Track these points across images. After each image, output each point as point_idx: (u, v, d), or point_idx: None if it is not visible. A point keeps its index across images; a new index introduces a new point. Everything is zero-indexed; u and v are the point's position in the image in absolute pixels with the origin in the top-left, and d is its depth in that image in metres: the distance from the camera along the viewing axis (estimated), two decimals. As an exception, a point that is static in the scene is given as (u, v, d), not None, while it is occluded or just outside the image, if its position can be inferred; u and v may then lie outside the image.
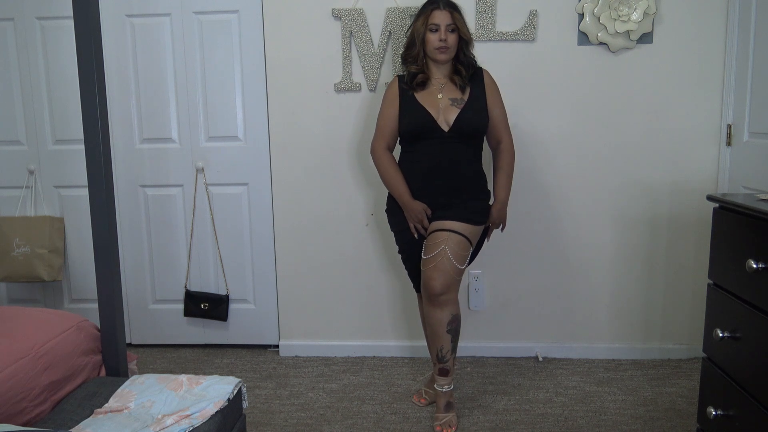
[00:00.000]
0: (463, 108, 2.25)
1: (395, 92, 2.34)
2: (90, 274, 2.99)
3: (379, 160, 2.35)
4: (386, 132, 2.34)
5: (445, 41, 2.22)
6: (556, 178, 2.83)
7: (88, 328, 1.89)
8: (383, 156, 2.34)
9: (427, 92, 2.29)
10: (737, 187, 2.61)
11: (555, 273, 2.90)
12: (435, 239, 2.23)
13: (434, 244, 2.22)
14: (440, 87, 2.29)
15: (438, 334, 2.26)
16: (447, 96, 2.27)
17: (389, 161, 2.34)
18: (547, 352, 2.95)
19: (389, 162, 2.34)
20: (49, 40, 2.98)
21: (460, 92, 2.28)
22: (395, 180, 2.30)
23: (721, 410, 1.69)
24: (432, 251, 2.22)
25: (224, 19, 2.89)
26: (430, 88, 2.30)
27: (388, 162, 2.34)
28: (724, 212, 1.72)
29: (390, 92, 2.36)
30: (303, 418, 2.41)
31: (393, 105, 2.33)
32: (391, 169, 2.32)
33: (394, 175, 2.31)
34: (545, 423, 2.34)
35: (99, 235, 1.86)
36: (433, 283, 2.20)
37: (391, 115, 2.33)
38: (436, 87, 2.29)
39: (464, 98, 2.27)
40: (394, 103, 2.32)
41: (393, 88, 2.36)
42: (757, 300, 1.54)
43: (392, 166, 2.33)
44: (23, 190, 3.10)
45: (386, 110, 2.35)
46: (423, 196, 2.28)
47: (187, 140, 2.99)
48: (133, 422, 1.53)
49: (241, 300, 3.09)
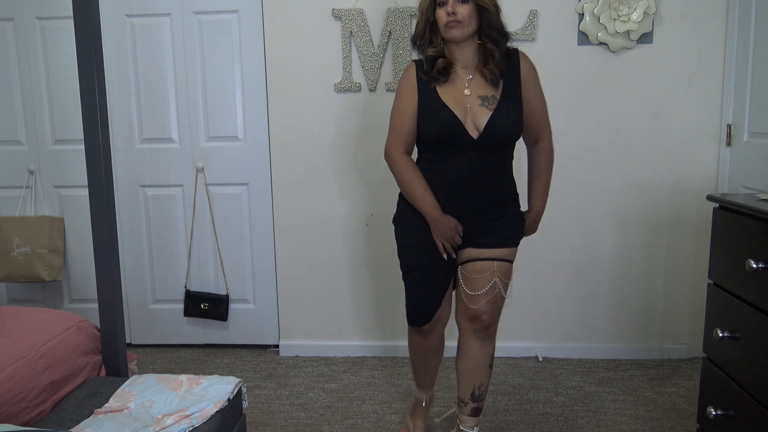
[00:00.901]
0: (496, 109, 1.83)
1: (412, 83, 1.88)
2: (90, 274, 2.99)
3: (398, 167, 1.92)
4: (403, 133, 1.90)
5: (455, 14, 1.78)
6: (556, 177, 2.80)
7: (88, 328, 1.89)
8: (402, 162, 1.91)
9: (451, 86, 1.85)
10: (737, 187, 2.61)
11: (555, 273, 2.90)
12: (482, 271, 1.91)
13: (483, 277, 1.91)
14: (467, 80, 1.86)
15: (480, 369, 1.99)
16: (476, 93, 1.85)
17: (412, 169, 1.90)
18: (547, 352, 2.95)
19: (412, 170, 1.90)
20: (49, 40, 2.98)
21: (492, 87, 1.85)
22: (421, 191, 1.88)
23: (721, 410, 1.69)
24: (484, 285, 1.91)
25: (224, 19, 2.89)
26: (454, 81, 1.86)
27: (411, 170, 1.90)
28: (724, 212, 1.72)
29: (406, 83, 1.90)
30: (303, 418, 2.41)
31: (410, 100, 1.88)
32: (416, 178, 1.89)
33: (419, 184, 1.88)
34: (545, 423, 2.34)
35: (99, 235, 1.86)
36: (486, 317, 1.94)
37: (408, 113, 1.88)
38: (461, 80, 1.86)
39: (496, 95, 1.85)
40: (411, 98, 1.88)
41: (409, 78, 1.89)
42: (757, 300, 1.54)
43: (416, 174, 1.90)
44: (23, 190, 3.10)
45: (402, 106, 1.89)
46: (449, 214, 1.89)
47: (187, 140, 2.99)
48: (133, 422, 1.53)
49: (241, 300, 3.09)
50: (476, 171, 1.86)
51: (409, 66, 1.92)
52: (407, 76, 1.90)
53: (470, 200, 1.89)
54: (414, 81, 1.88)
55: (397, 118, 1.91)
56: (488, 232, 1.92)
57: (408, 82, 1.89)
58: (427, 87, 1.86)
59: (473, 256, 1.93)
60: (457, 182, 1.87)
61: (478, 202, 1.89)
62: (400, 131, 1.90)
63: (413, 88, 1.88)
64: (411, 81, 1.89)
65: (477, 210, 1.90)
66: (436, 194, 1.88)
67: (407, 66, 1.98)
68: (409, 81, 1.89)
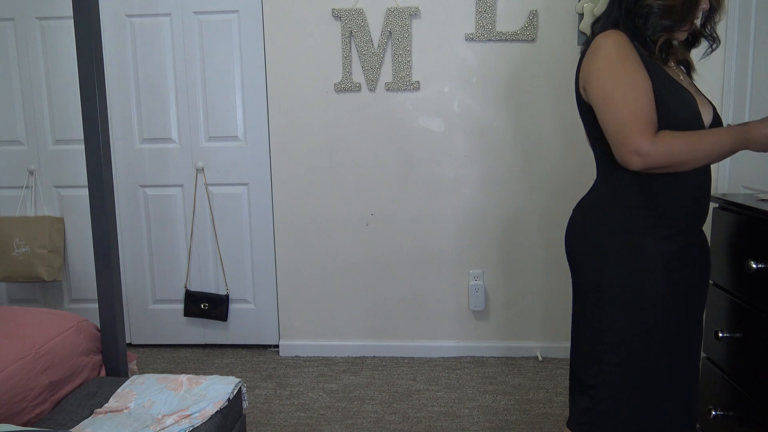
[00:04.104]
0: (707, 98, 1.48)
1: (635, 53, 1.35)
2: (90, 274, 2.99)
3: (664, 151, 1.28)
4: (644, 116, 1.29)
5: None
6: (556, 177, 2.83)
7: (88, 328, 1.89)
8: (662, 144, 1.28)
9: (669, 69, 1.43)
10: (737, 187, 2.61)
11: (555, 273, 2.90)
12: None
13: None
14: (672, 63, 1.47)
15: None
16: (686, 79, 1.48)
17: (674, 135, 1.29)
18: (547, 352, 2.95)
19: (676, 136, 1.29)
20: (49, 40, 2.98)
21: (686, 74, 1.52)
22: (707, 135, 1.31)
23: (721, 410, 1.69)
24: None
25: (224, 19, 2.89)
26: (669, 64, 1.45)
27: (676, 137, 1.29)
28: (724, 212, 1.72)
29: (627, 49, 1.34)
30: (303, 418, 2.41)
31: (643, 69, 1.34)
32: (690, 136, 1.30)
33: (698, 135, 1.30)
34: (545, 423, 2.34)
35: (99, 235, 1.86)
36: None
37: (648, 86, 1.32)
38: (673, 65, 1.47)
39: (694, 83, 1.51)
40: (642, 67, 1.34)
41: (627, 43, 1.35)
42: (757, 300, 1.54)
43: (682, 134, 1.30)
44: (23, 190, 3.10)
45: (638, 77, 1.32)
46: (689, 230, 1.41)
47: (187, 140, 3.00)
48: (133, 422, 1.53)
49: (241, 300, 3.09)
50: (710, 173, 1.43)
51: (616, 34, 1.38)
52: (623, 43, 1.37)
53: (705, 213, 1.44)
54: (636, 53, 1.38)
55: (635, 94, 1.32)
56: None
57: (630, 49, 1.37)
58: (649, 61, 1.39)
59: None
60: (701, 188, 1.41)
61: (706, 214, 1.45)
62: (640, 113, 1.30)
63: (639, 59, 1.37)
64: (633, 51, 1.37)
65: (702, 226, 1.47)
66: (675, 205, 1.39)
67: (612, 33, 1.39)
68: (630, 50, 1.37)
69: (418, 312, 2.97)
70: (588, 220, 1.49)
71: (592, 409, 1.46)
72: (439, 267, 2.93)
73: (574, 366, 1.54)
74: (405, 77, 2.78)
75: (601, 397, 1.45)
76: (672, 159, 1.29)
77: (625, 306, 1.40)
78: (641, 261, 1.39)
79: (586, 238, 1.49)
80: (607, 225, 1.44)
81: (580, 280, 1.52)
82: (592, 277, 1.46)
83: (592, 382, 1.45)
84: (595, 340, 1.45)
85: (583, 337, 1.50)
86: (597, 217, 1.47)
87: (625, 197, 1.42)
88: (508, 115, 2.79)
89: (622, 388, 1.43)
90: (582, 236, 1.50)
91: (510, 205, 2.87)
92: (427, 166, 2.85)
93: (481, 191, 2.86)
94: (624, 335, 1.41)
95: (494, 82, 2.77)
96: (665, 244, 1.38)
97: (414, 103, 2.81)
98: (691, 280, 1.43)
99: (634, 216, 1.40)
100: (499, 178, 2.84)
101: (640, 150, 1.28)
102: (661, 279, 1.38)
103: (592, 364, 1.46)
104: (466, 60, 2.77)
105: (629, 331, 1.40)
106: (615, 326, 1.41)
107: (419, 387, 2.65)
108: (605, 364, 1.43)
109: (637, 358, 1.41)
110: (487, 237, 2.89)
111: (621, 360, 1.42)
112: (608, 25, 1.43)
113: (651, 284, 1.38)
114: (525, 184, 2.83)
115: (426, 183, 2.86)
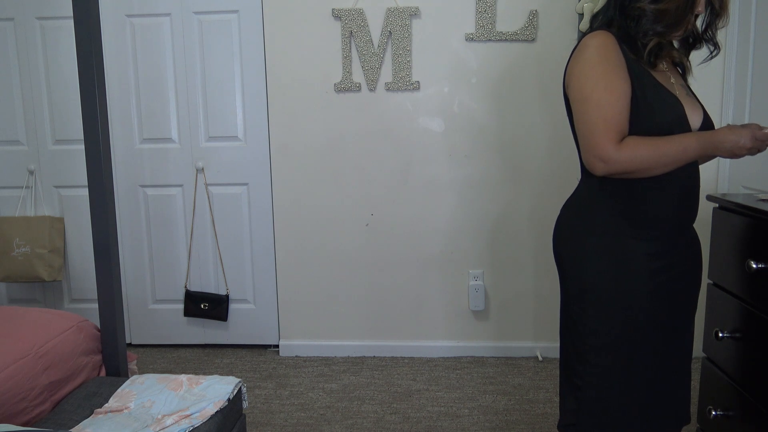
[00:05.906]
0: (699, 101, 1.45)
1: (619, 56, 1.34)
2: (90, 274, 2.99)
3: (627, 158, 1.29)
4: (614, 122, 1.30)
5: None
6: (557, 177, 2.83)
7: (88, 328, 1.89)
8: (625, 151, 1.29)
9: (658, 72, 1.39)
10: (737, 187, 2.61)
11: (555, 273, 2.89)
12: None
13: None
14: (665, 65, 1.43)
15: None
16: (678, 81, 1.43)
17: (638, 142, 1.30)
18: (547, 352, 2.95)
19: (640, 143, 1.30)
20: (49, 40, 2.98)
21: (681, 76, 1.48)
22: (673, 142, 1.30)
23: (721, 410, 1.69)
24: None
25: (224, 19, 2.89)
26: (661, 67, 1.41)
27: (640, 144, 1.30)
28: (724, 212, 1.72)
29: (610, 52, 1.33)
30: (303, 418, 2.41)
31: (623, 74, 1.32)
32: (655, 142, 1.30)
33: (664, 142, 1.30)
34: (545, 423, 2.34)
35: (99, 235, 1.86)
36: None
37: (624, 92, 1.31)
38: (664, 64, 1.42)
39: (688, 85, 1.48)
40: (623, 72, 1.33)
41: (612, 46, 1.34)
42: (757, 300, 1.54)
43: (647, 141, 1.31)
44: (23, 190, 3.10)
45: (615, 82, 1.31)
46: (674, 230, 1.40)
47: (187, 140, 2.99)
48: (133, 422, 1.53)
49: (241, 300, 3.09)
50: (696, 178, 1.41)
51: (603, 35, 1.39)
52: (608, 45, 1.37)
53: (691, 219, 1.43)
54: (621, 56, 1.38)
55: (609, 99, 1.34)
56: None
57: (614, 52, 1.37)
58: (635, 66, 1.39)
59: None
60: (686, 193, 1.40)
61: (692, 221, 1.44)
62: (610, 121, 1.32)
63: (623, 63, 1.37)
64: (617, 54, 1.37)
65: (691, 231, 1.46)
66: (657, 208, 1.37)
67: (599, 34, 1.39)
68: (615, 52, 1.37)
69: (418, 312, 2.97)
70: (572, 221, 1.49)
71: (579, 410, 1.46)
72: (439, 267, 2.93)
73: (563, 367, 1.54)
74: (405, 77, 2.78)
75: (587, 397, 1.44)
76: (635, 165, 1.30)
77: (609, 307, 1.40)
78: (625, 262, 1.39)
79: (570, 239, 1.48)
80: (590, 226, 1.43)
81: (565, 281, 1.52)
82: (576, 278, 1.46)
83: (579, 382, 1.45)
84: (581, 341, 1.44)
85: (569, 339, 1.50)
86: (581, 218, 1.46)
87: (608, 197, 1.41)
88: (508, 115, 2.79)
89: (609, 389, 1.42)
90: (566, 237, 1.50)
91: (510, 205, 2.87)
92: (427, 166, 2.85)
93: (481, 191, 2.86)
94: (609, 336, 1.40)
95: (494, 82, 2.77)
96: (649, 244, 1.38)
97: (414, 103, 2.81)
98: (678, 280, 1.42)
99: (617, 216, 1.40)
100: (499, 178, 2.85)
101: (603, 155, 1.29)
102: (645, 280, 1.38)
103: (578, 365, 1.45)
104: (466, 60, 2.77)
105: (614, 333, 1.40)
106: (600, 327, 1.41)
107: (419, 387, 2.65)
108: (591, 366, 1.43)
109: (622, 359, 1.41)
110: (487, 237, 2.89)
111: (606, 361, 1.41)
112: (603, 22, 1.42)
113: (634, 285, 1.38)
114: (524, 183, 2.83)
115: (426, 183, 2.86)
